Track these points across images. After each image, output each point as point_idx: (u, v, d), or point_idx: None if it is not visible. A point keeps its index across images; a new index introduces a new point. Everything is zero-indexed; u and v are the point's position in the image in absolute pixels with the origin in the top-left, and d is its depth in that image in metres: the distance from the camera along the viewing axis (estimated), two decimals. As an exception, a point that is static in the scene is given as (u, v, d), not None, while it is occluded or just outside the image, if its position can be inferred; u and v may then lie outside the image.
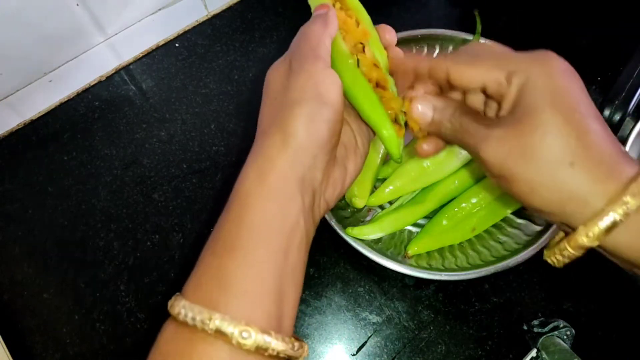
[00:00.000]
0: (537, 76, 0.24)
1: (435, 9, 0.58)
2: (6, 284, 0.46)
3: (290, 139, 0.25)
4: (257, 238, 0.24)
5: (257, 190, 0.25)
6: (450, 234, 0.43)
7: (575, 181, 0.22)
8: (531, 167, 0.23)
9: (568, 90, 0.23)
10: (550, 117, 0.22)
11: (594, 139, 0.22)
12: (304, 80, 0.26)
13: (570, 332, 0.39)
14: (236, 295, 0.23)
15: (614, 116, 0.46)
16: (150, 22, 0.55)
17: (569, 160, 0.22)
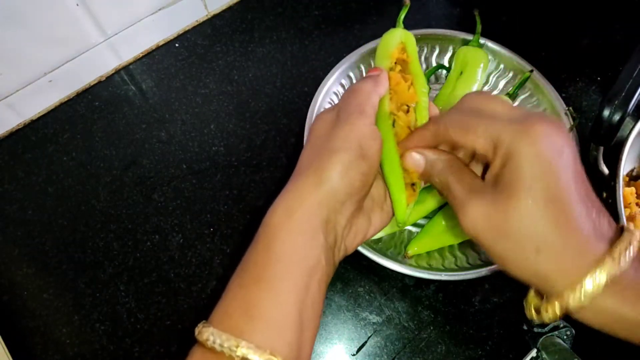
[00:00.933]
0: (521, 151, 0.24)
1: (435, 9, 0.58)
2: (6, 284, 0.46)
3: (323, 183, 0.27)
4: (283, 270, 0.25)
5: (284, 225, 0.26)
6: (450, 234, 0.43)
7: (540, 265, 0.23)
8: (502, 244, 0.24)
9: (551, 169, 0.23)
10: (527, 200, 0.23)
11: (566, 225, 0.23)
12: (348, 131, 0.28)
13: (570, 332, 0.39)
14: (261, 325, 0.24)
15: (614, 116, 0.46)
16: (150, 22, 0.55)
17: (535, 245, 0.23)
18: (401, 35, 0.35)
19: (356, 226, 0.30)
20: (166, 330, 0.43)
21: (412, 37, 0.35)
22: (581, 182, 0.24)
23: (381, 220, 0.32)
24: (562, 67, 0.54)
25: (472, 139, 0.26)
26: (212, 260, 0.46)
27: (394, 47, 0.34)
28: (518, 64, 0.48)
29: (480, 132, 0.26)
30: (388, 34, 0.35)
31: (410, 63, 0.34)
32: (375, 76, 0.32)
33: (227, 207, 0.48)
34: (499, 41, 0.49)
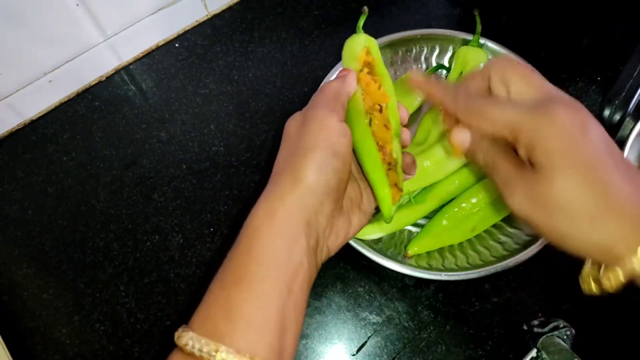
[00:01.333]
0: (545, 135, 0.24)
1: (435, 9, 0.58)
2: (6, 285, 0.46)
3: (299, 182, 0.27)
4: (264, 272, 0.25)
5: (266, 227, 0.26)
6: (450, 234, 0.43)
7: (596, 234, 0.23)
8: (554, 219, 0.24)
9: (580, 146, 0.23)
10: (566, 176, 0.23)
11: (614, 190, 0.23)
12: (318, 129, 0.28)
13: (570, 332, 0.39)
14: (241, 327, 0.24)
15: (614, 116, 0.46)
16: (150, 22, 0.55)
17: (589, 215, 0.23)
18: (365, 40, 0.35)
19: (337, 227, 0.30)
20: (166, 331, 0.43)
21: (374, 42, 0.36)
22: (616, 153, 0.24)
23: (360, 221, 0.32)
24: (562, 67, 0.54)
25: (487, 126, 0.27)
26: (212, 261, 0.46)
27: (360, 51, 0.35)
28: (518, 64, 0.48)
29: (496, 120, 0.26)
30: (351, 40, 0.36)
31: (377, 65, 0.35)
32: (343, 76, 0.32)
33: (227, 207, 0.48)
34: (499, 41, 0.49)
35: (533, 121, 0.24)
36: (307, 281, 0.27)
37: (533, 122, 0.24)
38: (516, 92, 0.27)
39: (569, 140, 0.24)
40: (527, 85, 0.27)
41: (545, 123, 0.24)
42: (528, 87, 0.27)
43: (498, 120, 0.26)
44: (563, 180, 0.23)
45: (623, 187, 0.23)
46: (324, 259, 0.30)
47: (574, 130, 0.24)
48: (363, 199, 0.33)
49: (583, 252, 0.25)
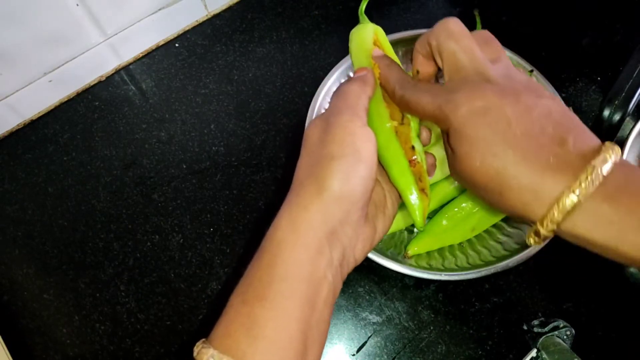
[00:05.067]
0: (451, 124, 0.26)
1: (435, 9, 0.58)
2: (6, 285, 0.46)
3: (324, 192, 0.26)
4: (288, 287, 0.24)
5: (289, 240, 0.26)
6: (450, 234, 0.43)
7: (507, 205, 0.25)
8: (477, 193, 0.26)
9: (481, 132, 0.25)
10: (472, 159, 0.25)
11: (514, 166, 0.24)
12: (342, 135, 0.27)
13: (570, 332, 0.39)
14: (263, 347, 0.23)
15: (614, 116, 0.46)
16: (150, 22, 0.55)
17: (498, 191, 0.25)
18: (372, 30, 0.33)
19: (363, 235, 0.29)
20: (166, 331, 0.43)
21: (381, 30, 0.34)
22: (523, 123, 0.24)
23: (384, 226, 0.31)
24: (562, 67, 0.54)
25: (419, 116, 0.29)
26: (212, 260, 0.46)
27: (369, 43, 0.33)
28: (518, 64, 0.48)
29: (421, 110, 0.28)
30: (358, 31, 0.33)
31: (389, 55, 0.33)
32: (361, 76, 0.31)
33: (227, 207, 0.48)
34: (499, 41, 0.49)
35: (443, 110, 0.26)
36: (332, 296, 0.26)
37: (443, 111, 0.26)
38: (447, 68, 0.28)
39: (470, 127, 0.25)
40: (456, 60, 0.27)
41: (450, 111, 0.26)
42: (457, 63, 0.27)
43: (422, 112, 0.28)
44: (470, 163, 0.25)
45: (528, 159, 0.24)
46: (350, 270, 0.29)
47: (474, 117, 0.25)
48: (387, 203, 0.32)
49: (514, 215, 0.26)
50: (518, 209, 0.24)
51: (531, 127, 0.24)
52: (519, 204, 0.24)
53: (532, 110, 0.25)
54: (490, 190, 0.25)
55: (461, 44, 0.27)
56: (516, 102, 0.25)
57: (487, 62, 0.27)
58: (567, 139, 0.24)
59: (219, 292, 0.45)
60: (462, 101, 0.25)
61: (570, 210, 0.22)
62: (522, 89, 0.26)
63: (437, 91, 0.27)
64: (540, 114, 0.25)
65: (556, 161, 0.23)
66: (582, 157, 0.23)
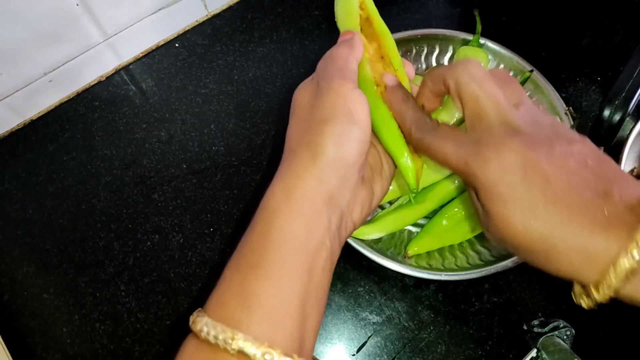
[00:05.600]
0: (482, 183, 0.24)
1: (435, 9, 0.58)
2: (6, 284, 0.46)
3: (319, 157, 0.25)
4: (283, 256, 0.24)
5: (283, 208, 0.25)
6: (450, 234, 0.43)
7: (553, 268, 0.23)
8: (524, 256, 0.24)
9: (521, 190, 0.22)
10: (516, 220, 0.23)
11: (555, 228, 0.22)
12: (333, 99, 0.26)
13: (570, 332, 0.39)
14: (259, 315, 0.22)
15: (614, 116, 0.46)
16: (150, 22, 0.55)
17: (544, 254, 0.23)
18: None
19: (361, 198, 0.28)
20: (166, 330, 0.43)
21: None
22: (562, 177, 0.22)
23: (382, 188, 0.31)
24: (562, 67, 0.54)
25: (439, 162, 0.26)
26: (212, 260, 0.46)
27: (355, 7, 0.31)
28: (518, 64, 0.48)
29: (442, 160, 0.26)
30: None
31: (374, 21, 0.32)
32: (349, 40, 0.30)
33: (227, 207, 0.48)
34: (499, 41, 0.49)
35: (471, 164, 0.24)
36: (330, 262, 0.26)
37: (471, 166, 0.24)
38: (467, 114, 0.26)
39: (506, 186, 0.23)
40: (477, 108, 0.25)
41: (480, 168, 0.23)
42: (478, 112, 0.25)
43: (443, 162, 0.26)
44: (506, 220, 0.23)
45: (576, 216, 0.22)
46: (348, 234, 0.29)
47: (511, 175, 0.23)
48: (383, 165, 0.31)
49: (564, 275, 0.24)
50: (569, 272, 0.23)
51: (571, 180, 0.22)
52: (569, 267, 0.22)
53: (568, 160, 0.23)
54: (536, 253, 0.23)
55: (484, 89, 0.25)
56: (550, 153, 0.23)
57: (511, 109, 0.25)
58: (612, 190, 0.22)
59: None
60: (491, 156, 0.23)
61: (629, 274, 0.20)
62: (552, 136, 0.24)
63: (461, 140, 0.25)
64: (578, 164, 0.23)
65: (605, 217, 0.21)
66: (631, 210, 0.21)
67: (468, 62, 0.27)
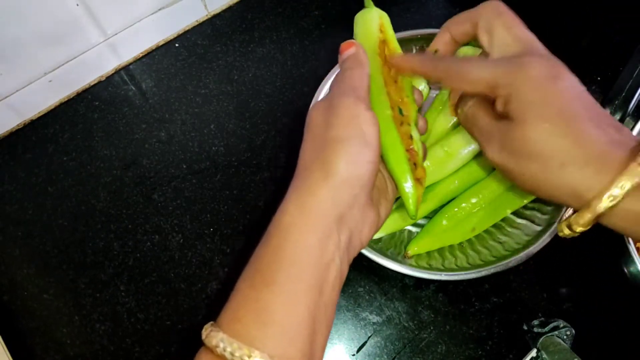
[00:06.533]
0: (517, 89, 0.25)
1: (435, 9, 0.58)
2: (6, 285, 0.46)
3: (332, 176, 0.26)
4: (296, 273, 0.24)
5: (298, 223, 0.25)
6: (450, 234, 0.43)
7: (565, 179, 0.25)
8: (528, 167, 0.26)
9: (551, 96, 0.25)
10: (538, 126, 0.25)
11: (582, 137, 0.24)
12: (347, 118, 0.27)
13: (570, 332, 0.39)
14: (273, 331, 0.23)
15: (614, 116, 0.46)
16: (150, 22, 0.55)
17: (559, 161, 0.24)
18: (379, 15, 0.33)
19: (369, 218, 0.29)
20: (166, 330, 0.43)
21: (386, 16, 0.34)
22: (588, 102, 0.25)
23: (386, 210, 0.31)
24: (562, 67, 0.54)
25: (467, 86, 0.28)
26: (212, 260, 0.46)
27: (375, 28, 0.32)
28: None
29: (474, 79, 0.27)
30: (364, 15, 0.33)
31: (390, 44, 0.32)
32: (354, 55, 0.30)
33: (227, 207, 0.48)
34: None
35: (508, 75, 0.26)
36: (339, 280, 0.26)
37: (508, 76, 0.26)
38: (498, 43, 0.28)
39: (541, 91, 0.25)
40: (509, 36, 0.28)
41: (519, 76, 0.25)
42: (510, 38, 0.28)
43: (476, 80, 0.27)
44: (535, 130, 0.25)
45: (591, 134, 0.24)
46: (356, 253, 0.29)
47: (546, 81, 0.25)
48: (387, 188, 0.32)
49: (554, 198, 0.26)
50: (576, 186, 0.24)
51: (596, 107, 0.25)
52: (578, 178, 0.24)
53: (579, 86, 0.26)
54: (549, 160, 0.25)
55: (515, 21, 0.28)
56: (571, 75, 0.25)
57: (535, 38, 0.28)
58: (621, 128, 0.25)
59: (218, 292, 0.45)
60: (533, 65, 0.25)
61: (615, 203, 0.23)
62: None
63: (495, 60, 0.27)
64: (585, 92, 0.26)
65: (618, 143, 0.24)
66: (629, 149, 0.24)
67: (492, 2, 0.29)
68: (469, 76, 0.27)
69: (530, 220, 0.43)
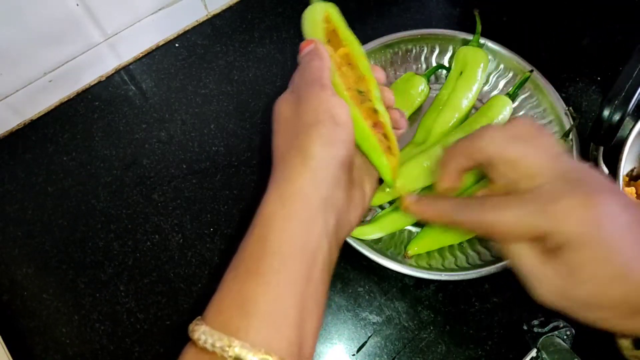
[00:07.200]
0: (579, 237, 0.22)
1: (435, 9, 0.58)
2: (6, 284, 0.46)
3: (309, 160, 0.26)
4: (281, 260, 0.24)
5: (279, 212, 0.25)
6: (450, 234, 0.42)
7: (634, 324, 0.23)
8: (594, 314, 0.24)
9: (601, 247, 0.22)
10: (595, 280, 0.22)
11: None
12: (316, 105, 0.28)
13: (570, 332, 0.39)
14: (257, 321, 0.23)
15: (614, 116, 0.46)
16: (150, 22, 0.55)
17: (629, 311, 0.22)
18: (324, 7, 0.34)
19: (355, 198, 0.29)
20: (166, 330, 0.43)
21: (334, 7, 0.34)
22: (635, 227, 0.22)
23: (371, 187, 0.32)
24: (562, 67, 0.54)
25: (509, 238, 0.25)
26: (212, 260, 0.46)
27: (319, 21, 0.33)
28: (518, 64, 0.48)
29: (511, 228, 0.24)
30: (309, 11, 0.34)
31: (340, 31, 0.34)
32: (314, 51, 0.31)
33: (227, 207, 0.48)
34: (499, 41, 0.49)
35: (549, 223, 0.23)
36: (328, 264, 0.26)
37: (568, 221, 0.23)
38: (511, 180, 0.25)
39: (607, 243, 0.22)
40: (526, 169, 0.25)
41: (562, 222, 0.23)
42: (527, 172, 0.25)
43: (514, 229, 0.24)
44: (592, 284, 0.23)
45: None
46: (346, 234, 0.29)
47: (616, 227, 0.22)
48: (369, 165, 0.33)
49: (623, 333, 0.25)
50: None
51: None
52: None
53: (631, 209, 0.23)
54: (612, 313, 0.23)
55: (521, 150, 0.25)
56: (628, 201, 0.23)
57: (558, 160, 0.25)
58: None
59: (218, 292, 0.45)
60: (574, 205, 0.22)
61: None
62: (608, 184, 0.24)
63: (519, 204, 0.24)
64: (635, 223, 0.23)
65: None
66: None
67: (487, 130, 0.27)
68: (500, 229, 0.25)
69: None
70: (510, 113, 0.47)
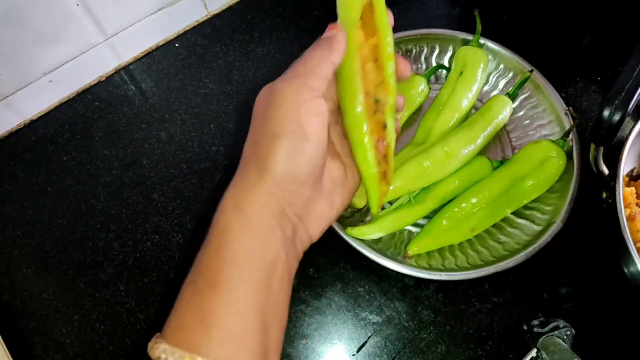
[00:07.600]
0: None
1: (435, 8, 0.58)
2: (6, 284, 0.46)
3: (266, 174, 0.25)
4: (238, 273, 0.23)
5: (234, 223, 0.24)
6: (450, 234, 0.43)
7: None
8: None
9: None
10: None
11: None
12: (284, 110, 0.25)
13: (570, 332, 0.39)
14: (219, 335, 0.22)
15: (614, 116, 0.46)
16: (150, 22, 0.55)
17: None
18: None
19: (318, 211, 0.27)
20: (166, 330, 0.43)
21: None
22: None
23: (343, 200, 0.30)
24: (562, 67, 0.54)
25: None
26: (212, 260, 0.46)
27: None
28: (518, 64, 0.48)
29: None
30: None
31: (377, 10, 0.27)
32: (328, 39, 0.26)
33: (227, 207, 0.48)
34: (499, 41, 0.49)
35: None
36: (287, 274, 0.25)
37: None
38: None
39: None
40: None
41: None
42: None
43: None
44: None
45: None
46: (305, 248, 0.28)
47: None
48: (347, 177, 0.30)
49: None
50: None
51: None
52: None
53: None
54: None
55: None
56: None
57: None
58: None
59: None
60: None
61: None
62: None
63: None
64: None
65: None
66: None
67: None
68: None
69: (530, 220, 0.43)
70: (510, 113, 0.47)
